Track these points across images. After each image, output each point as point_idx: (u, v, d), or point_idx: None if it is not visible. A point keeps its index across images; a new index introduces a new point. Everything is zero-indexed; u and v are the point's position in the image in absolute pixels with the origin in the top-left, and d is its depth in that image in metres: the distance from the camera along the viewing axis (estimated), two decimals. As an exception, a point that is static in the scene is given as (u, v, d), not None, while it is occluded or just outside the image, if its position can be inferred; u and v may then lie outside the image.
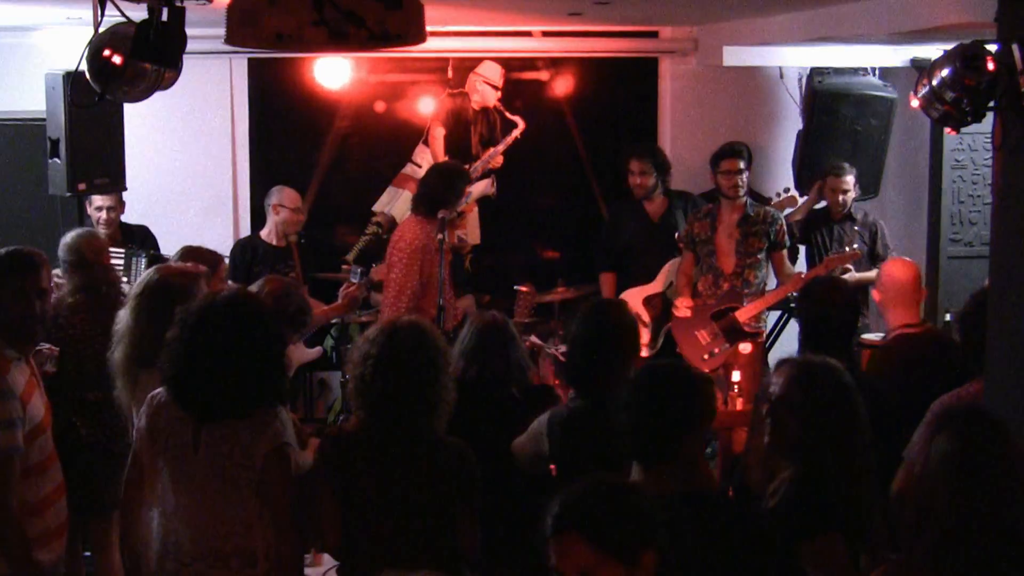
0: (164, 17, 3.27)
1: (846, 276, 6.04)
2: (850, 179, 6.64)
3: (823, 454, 2.98)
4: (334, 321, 6.57)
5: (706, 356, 6.04)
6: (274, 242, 6.56)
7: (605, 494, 2.37)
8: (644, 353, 5.56)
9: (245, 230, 7.44)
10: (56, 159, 5.19)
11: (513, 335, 4.21)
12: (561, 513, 2.34)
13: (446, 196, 5.77)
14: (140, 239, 6.22)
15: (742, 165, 6.09)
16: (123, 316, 3.81)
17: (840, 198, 6.65)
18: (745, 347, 5.95)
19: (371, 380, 3.24)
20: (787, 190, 7.01)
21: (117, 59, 3.72)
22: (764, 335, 6.49)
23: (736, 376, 5.45)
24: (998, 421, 2.52)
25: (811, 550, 2.89)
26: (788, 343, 6.80)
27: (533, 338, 6.20)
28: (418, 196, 5.96)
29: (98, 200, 6.00)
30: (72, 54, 3.85)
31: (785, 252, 6.15)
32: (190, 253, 4.57)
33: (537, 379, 6.39)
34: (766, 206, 6.44)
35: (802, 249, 7.05)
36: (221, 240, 7.11)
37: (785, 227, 6.17)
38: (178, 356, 3.19)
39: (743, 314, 6.02)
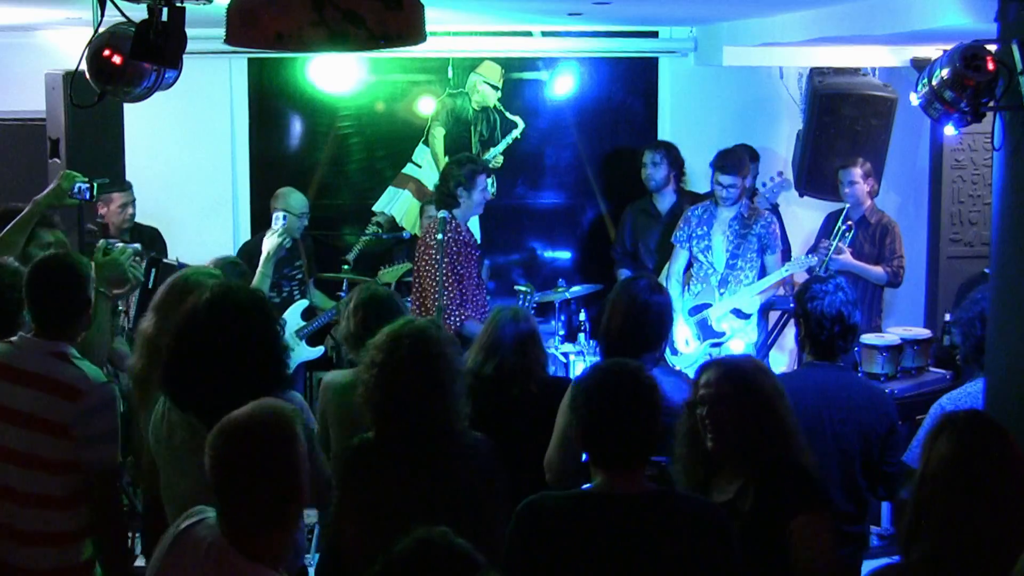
0: (164, 17, 3.26)
1: (840, 257, 6.18)
2: (856, 172, 6.64)
3: (769, 455, 2.98)
4: (335, 320, 6.55)
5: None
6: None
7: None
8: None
9: (244, 230, 7.43)
10: (56, 159, 5.16)
11: (532, 329, 4.20)
12: None
13: (461, 187, 5.74)
14: (148, 240, 6.19)
15: (733, 180, 6.11)
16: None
17: (844, 191, 6.67)
18: (736, 345, 6.01)
19: (376, 389, 3.17)
20: (780, 173, 6.94)
21: (117, 59, 3.71)
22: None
23: None
24: (998, 426, 2.51)
25: (799, 526, 2.87)
26: (788, 344, 6.80)
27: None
28: (436, 192, 5.99)
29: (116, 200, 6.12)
30: (72, 54, 3.84)
31: (776, 255, 6.12)
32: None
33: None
34: (762, 208, 6.42)
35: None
36: (220, 240, 7.11)
37: (777, 231, 6.16)
38: (171, 361, 3.19)
39: (714, 311, 6.05)
